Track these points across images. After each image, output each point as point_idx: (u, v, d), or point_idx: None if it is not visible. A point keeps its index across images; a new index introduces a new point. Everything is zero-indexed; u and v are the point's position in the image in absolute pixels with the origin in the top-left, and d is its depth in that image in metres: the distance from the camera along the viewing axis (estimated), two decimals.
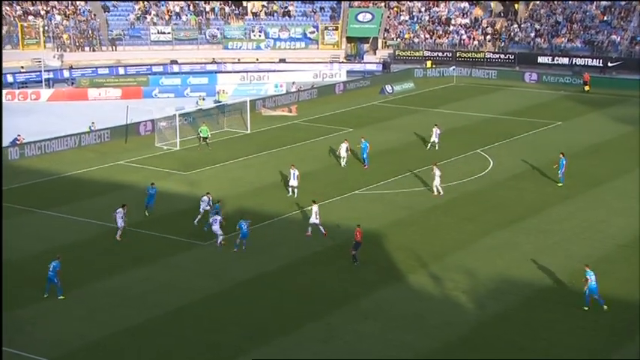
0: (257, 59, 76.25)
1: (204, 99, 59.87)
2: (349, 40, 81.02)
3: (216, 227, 31.29)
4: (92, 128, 49.23)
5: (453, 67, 71.58)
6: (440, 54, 76.21)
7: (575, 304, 26.44)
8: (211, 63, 74.81)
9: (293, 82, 65.85)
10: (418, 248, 31.44)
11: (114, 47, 78.32)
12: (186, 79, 67.95)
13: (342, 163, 42.32)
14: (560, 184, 38.75)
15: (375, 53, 79.61)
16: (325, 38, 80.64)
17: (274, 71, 71.11)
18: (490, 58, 74.21)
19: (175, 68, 73.61)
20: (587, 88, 64.20)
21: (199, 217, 33.55)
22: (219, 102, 58.80)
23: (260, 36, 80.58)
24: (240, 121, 52.85)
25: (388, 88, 65.46)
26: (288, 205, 36.30)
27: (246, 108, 52.39)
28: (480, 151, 46.05)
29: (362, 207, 36.01)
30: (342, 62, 76.54)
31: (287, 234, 33.37)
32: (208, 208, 33.34)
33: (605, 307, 25.87)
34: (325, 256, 30.96)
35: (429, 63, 74.48)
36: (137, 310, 26.12)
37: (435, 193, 37.20)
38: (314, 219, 32.21)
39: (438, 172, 37.22)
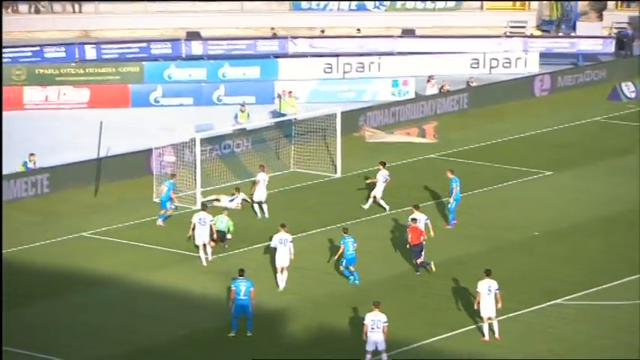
0: (358, 30, 76.47)
1: (243, 110, 58.95)
2: None
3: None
4: (29, 166, 50.11)
5: None
6: None
7: None
8: (267, 38, 75.38)
9: (430, 77, 65.13)
10: None
11: (78, 7, 79.24)
12: (217, 69, 68.42)
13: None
14: (449, 227, 45.32)
15: (600, 18, 79.78)
16: None
17: (391, 54, 72.07)
18: None
19: (196, 48, 73.55)
20: None
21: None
22: (283, 115, 58.61)
23: None
24: (323, 154, 52.48)
25: (628, 88, 64.76)
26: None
27: (336, 127, 52.74)
28: None
29: None
30: (531, 36, 76.74)
31: None
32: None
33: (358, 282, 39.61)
34: None
35: None
36: None
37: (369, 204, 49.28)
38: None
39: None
